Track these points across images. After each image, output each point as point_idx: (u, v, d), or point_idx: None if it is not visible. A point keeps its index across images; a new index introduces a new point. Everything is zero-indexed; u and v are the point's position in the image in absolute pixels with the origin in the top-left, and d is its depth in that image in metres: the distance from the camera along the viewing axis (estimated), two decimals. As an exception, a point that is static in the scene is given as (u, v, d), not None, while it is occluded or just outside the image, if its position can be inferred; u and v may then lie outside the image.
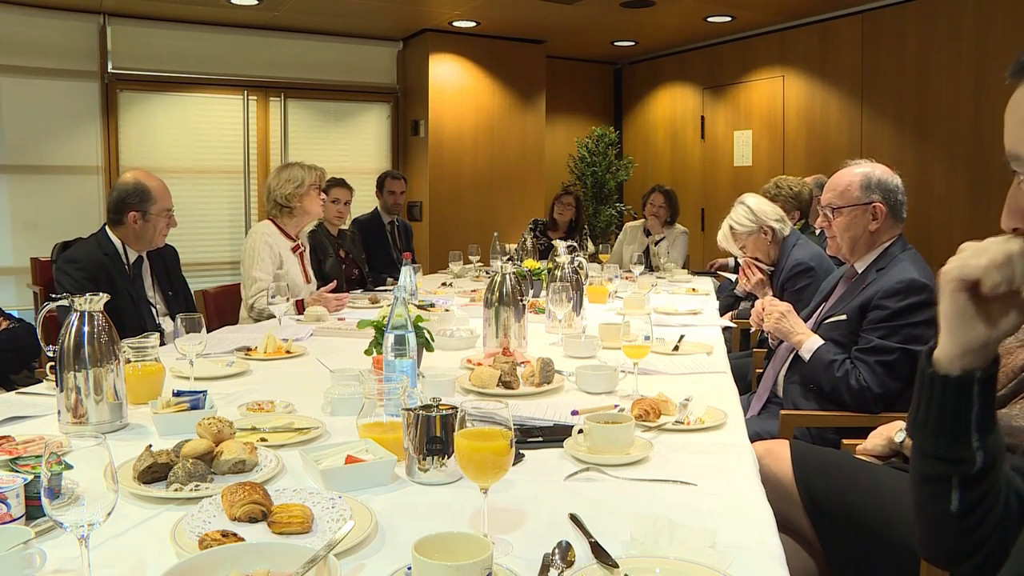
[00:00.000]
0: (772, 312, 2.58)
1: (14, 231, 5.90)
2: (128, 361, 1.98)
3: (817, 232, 4.12)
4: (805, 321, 2.61)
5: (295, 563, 1.06)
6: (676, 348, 2.71)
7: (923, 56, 5.66)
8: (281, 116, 6.89)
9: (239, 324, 3.62)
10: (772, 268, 3.58)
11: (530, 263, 4.15)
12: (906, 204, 2.51)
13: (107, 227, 3.12)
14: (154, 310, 3.17)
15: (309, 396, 2.06)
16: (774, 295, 3.40)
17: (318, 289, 3.95)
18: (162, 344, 2.51)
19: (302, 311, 3.51)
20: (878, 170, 2.51)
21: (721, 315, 3.89)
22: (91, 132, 6.17)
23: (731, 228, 3.56)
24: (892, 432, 1.91)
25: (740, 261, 3.76)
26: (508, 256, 3.99)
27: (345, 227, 4.96)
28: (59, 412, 1.77)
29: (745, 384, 3.10)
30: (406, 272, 3.55)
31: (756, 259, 3.62)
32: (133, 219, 3.06)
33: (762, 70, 6.94)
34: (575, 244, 4.83)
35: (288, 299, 3.25)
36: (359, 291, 4.44)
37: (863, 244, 2.52)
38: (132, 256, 3.12)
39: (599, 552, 1.16)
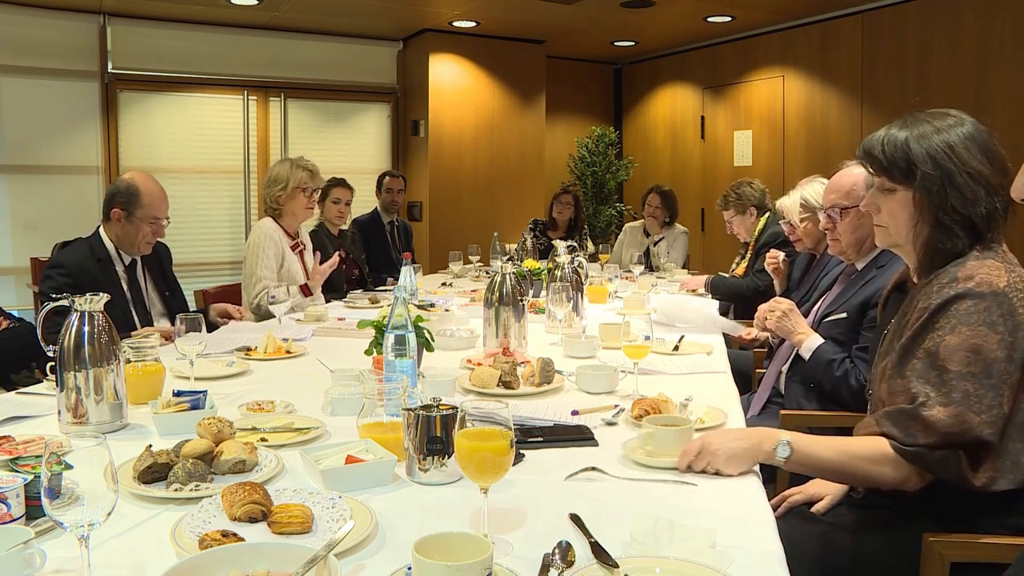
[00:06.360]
0: (775, 311, 2.58)
1: (14, 231, 5.90)
2: (128, 361, 1.98)
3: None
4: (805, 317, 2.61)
5: (295, 563, 1.06)
6: (676, 348, 2.71)
7: (923, 56, 5.66)
8: (281, 116, 6.88)
9: (239, 324, 3.62)
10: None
11: (530, 263, 4.15)
12: None
13: (101, 227, 3.10)
14: (150, 313, 3.15)
15: (309, 396, 2.06)
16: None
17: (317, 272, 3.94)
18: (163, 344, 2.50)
19: (308, 294, 3.70)
20: None
21: (721, 315, 3.88)
22: (91, 132, 6.16)
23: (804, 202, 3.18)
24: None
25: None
26: (508, 256, 3.99)
27: (345, 227, 4.96)
28: (59, 412, 1.77)
29: (745, 380, 3.09)
30: (406, 272, 3.55)
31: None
32: (116, 216, 3.03)
33: (762, 70, 6.93)
34: (575, 244, 4.83)
35: (288, 299, 3.25)
36: (359, 291, 4.44)
37: (869, 243, 2.50)
38: (127, 259, 3.11)
39: (599, 552, 1.16)
